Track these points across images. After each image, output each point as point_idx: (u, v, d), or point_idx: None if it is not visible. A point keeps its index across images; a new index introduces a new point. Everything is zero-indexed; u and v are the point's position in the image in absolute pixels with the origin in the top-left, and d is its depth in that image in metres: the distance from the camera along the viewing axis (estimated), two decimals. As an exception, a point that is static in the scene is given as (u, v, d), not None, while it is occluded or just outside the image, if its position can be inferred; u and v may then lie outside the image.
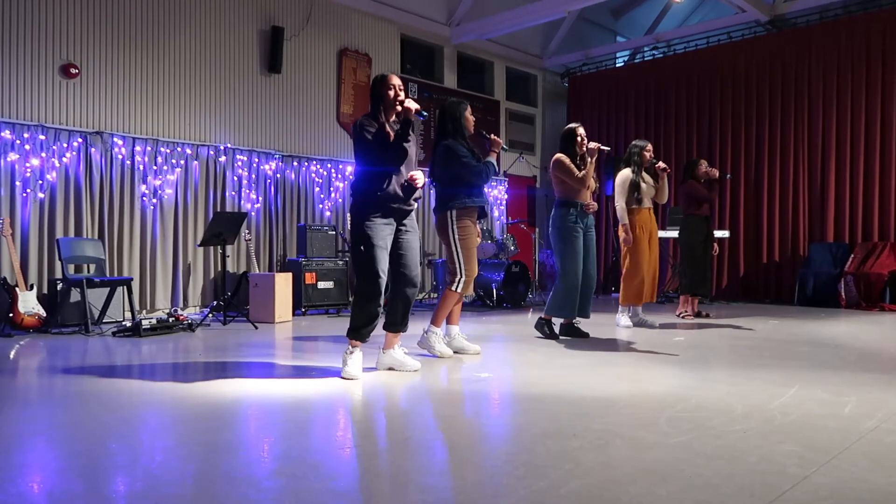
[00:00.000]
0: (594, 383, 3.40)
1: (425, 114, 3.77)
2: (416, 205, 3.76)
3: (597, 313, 6.75)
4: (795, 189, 8.68)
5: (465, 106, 4.35)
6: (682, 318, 6.42)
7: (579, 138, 4.98)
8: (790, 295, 8.34)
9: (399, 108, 3.59)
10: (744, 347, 4.65)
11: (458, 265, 4.22)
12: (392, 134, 3.58)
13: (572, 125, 5.09)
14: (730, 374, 3.65)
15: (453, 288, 4.23)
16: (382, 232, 3.56)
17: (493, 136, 4.47)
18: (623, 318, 5.71)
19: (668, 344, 4.79)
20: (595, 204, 5.08)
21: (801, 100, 8.65)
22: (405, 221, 3.71)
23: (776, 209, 8.82)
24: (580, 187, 4.94)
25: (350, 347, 3.59)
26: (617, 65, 11.14)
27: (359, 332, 3.58)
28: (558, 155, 5.00)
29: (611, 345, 4.78)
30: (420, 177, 3.66)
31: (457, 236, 4.21)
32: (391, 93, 3.61)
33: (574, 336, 5.05)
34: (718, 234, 8.34)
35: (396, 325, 3.75)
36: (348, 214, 7.74)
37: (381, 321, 3.68)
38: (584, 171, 4.91)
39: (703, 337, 5.18)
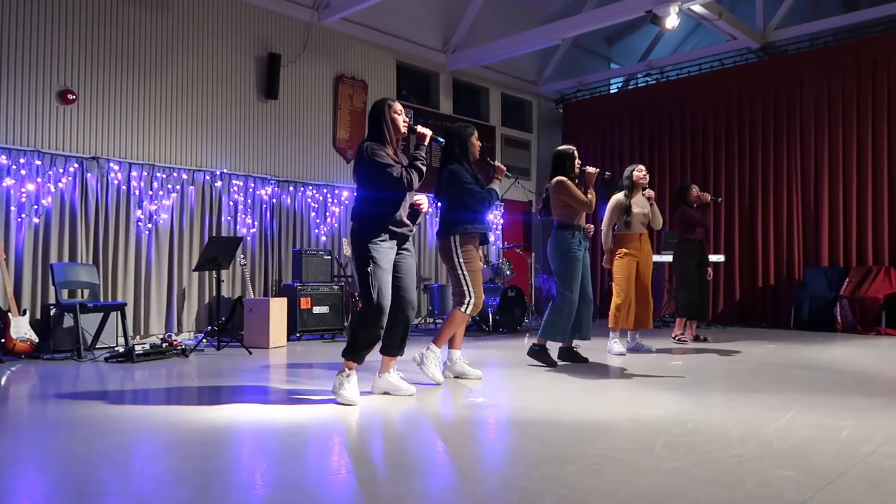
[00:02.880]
0: (590, 408, 3.38)
1: (441, 140, 3.89)
2: (415, 229, 3.78)
3: (593, 337, 6.72)
4: (789, 213, 8.73)
5: (471, 130, 4.32)
6: (678, 340, 6.40)
7: (575, 161, 4.96)
8: (786, 319, 8.34)
9: (405, 132, 3.65)
10: (740, 371, 4.63)
11: (466, 288, 4.19)
12: (397, 158, 3.62)
13: (568, 147, 5.05)
14: (726, 398, 3.63)
15: (463, 309, 4.19)
16: (388, 255, 3.56)
17: (496, 163, 4.43)
18: (616, 345, 5.59)
19: (664, 368, 4.77)
20: (592, 226, 5.08)
21: (793, 125, 8.73)
22: (405, 245, 3.71)
23: (771, 233, 8.85)
24: (586, 210, 4.92)
25: (346, 370, 3.52)
26: (611, 91, 11.24)
27: (358, 355, 3.53)
28: (560, 178, 4.91)
29: (607, 369, 4.76)
30: (424, 201, 3.70)
31: (462, 260, 4.18)
32: (400, 119, 3.65)
33: (574, 361, 5.01)
34: (714, 258, 8.37)
35: (395, 348, 3.72)
36: (345, 239, 7.76)
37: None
38: (590, 195, 4.88)
39: (699, 361, 5.16)
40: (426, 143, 3.66)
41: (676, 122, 9.81)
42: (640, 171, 5.69)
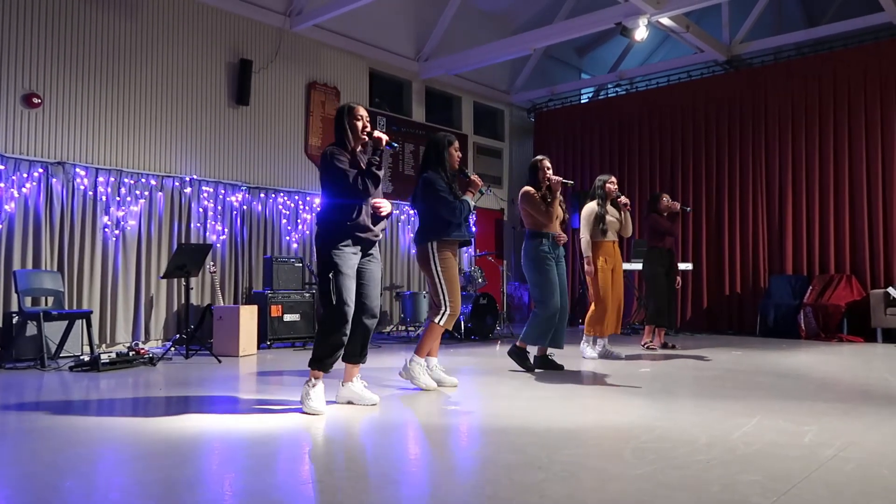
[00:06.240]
0: (560, 415, 3.40)
1: (395, 144, 3.86)
2: (382, 235, 3.77)
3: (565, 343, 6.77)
4: (755, 223, 8.91)
5: (450, 140, 4.33)
6: (647, 348, 6.50)
7: (541, 172, 5.04)
8: (752, 326, 8.50)
9: (366, 138, 3.65)
10: (708, 378, 4.70)
11: (442, 298, 4.19)
12: (362, 164, 3.61)
13: (538, 157, 5.15)
14: (694, 404, 3.69)
15: (437, 320, 4.19)
16: (350, 261, 3.54)
17: (474, 176, 4.38)
18: (588, 350, 5.76)
19: (633, 375, 4.82)
20: (564, 235, 5.13)
21: (758, 136, 8.93)
22: (370, 251, 3.70)
23: (737, 242, 9.03)
24: (546, 221, 4.99)
25: (312, 380, 3.51)
26: (582, 101, 11.38)
27: (322, 363, 3.51)
28: (525, 188, 5.07)
29: (577, 376, 4.80)
30: (385, 205, 3.68)
31: (439, 268, 4.18)
32: (359, 124, 3.64)
33: (548, 368, 5.04)
34: (682, 266, 8.50)
35: (356, 356, 3.70)
36: (314, 244, 7.72)
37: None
38: (549, 206, 4.97)
39: (668, 368, 5.23)
40: (382, 148, 3.64)
41: (645, 132, 9.96)
42: (612, 184, 5.85)
